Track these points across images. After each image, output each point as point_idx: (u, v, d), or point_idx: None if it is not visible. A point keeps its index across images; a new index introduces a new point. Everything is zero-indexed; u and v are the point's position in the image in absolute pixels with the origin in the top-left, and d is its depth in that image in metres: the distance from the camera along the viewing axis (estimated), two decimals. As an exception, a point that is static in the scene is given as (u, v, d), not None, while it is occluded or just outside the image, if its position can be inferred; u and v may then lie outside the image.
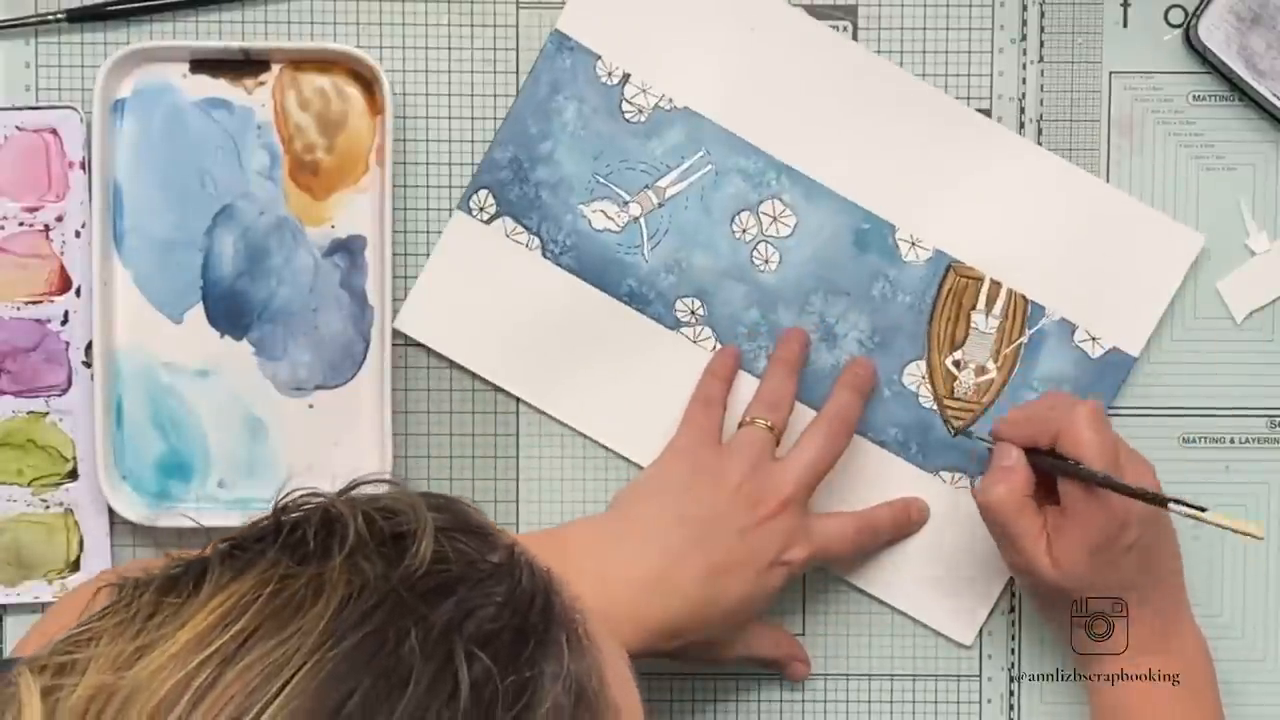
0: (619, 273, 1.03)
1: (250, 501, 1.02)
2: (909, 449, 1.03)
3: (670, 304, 1.03)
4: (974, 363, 1.03)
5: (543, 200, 1.02)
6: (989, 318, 1.03)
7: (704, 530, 0.95)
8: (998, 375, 1.03)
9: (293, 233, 1.01)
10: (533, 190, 1.02)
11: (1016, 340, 1.03)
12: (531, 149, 1.02)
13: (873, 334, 1.03)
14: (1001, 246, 1.02)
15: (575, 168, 1.02)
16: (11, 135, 1.01)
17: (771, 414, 0.99)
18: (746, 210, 1.03)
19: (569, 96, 1.02)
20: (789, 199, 1.02)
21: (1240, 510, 1.03)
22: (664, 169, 1.02)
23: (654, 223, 1.02)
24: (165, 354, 1.01)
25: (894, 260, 1.03)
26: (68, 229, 1.01)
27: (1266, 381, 1.03)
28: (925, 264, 1.03)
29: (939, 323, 1.03)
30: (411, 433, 1.03)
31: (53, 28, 1.02)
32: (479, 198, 1.02)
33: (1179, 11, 1.03)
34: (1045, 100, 1.03)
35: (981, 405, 1.03)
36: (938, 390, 1.03)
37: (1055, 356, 1.03)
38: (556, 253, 1.03)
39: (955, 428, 1.03)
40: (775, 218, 1.02)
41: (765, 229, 1.02)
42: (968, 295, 1.03)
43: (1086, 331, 1.03)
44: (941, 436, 1.03)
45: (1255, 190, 1.03)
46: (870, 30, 1.03)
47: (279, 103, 1.01)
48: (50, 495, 1.02)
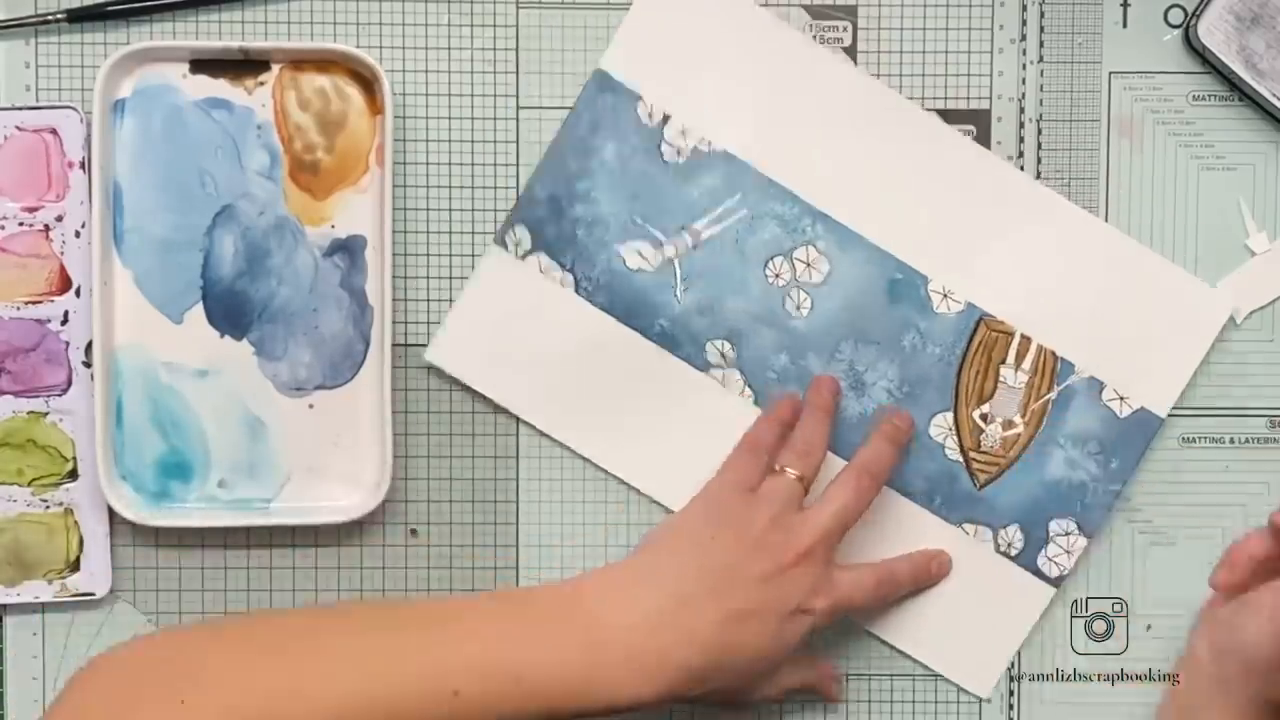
0: (651, 313, 1.03)
1: (250, 501, 1.02)
2: (933, 500, 1.03)
3: (701, 346, 1.03)
4: (1001, 417, 1.03)
5: (578, 238, 1.02)
6: (1018, 372, 1.03)
7: (723, 579, 0.95)
8: (1024, 430, 1.03)
9: (293, 233, 1.01)
10: (569, 228, 1.02)
11: (1045, 396, 1.03)
12: (570, 186, 1.02)
13: (901, 384, 1.03)
14: (1033, 302, 1.02)
15: (612, 207, 1.02)
16: (11, 135, 1.01)
17: (801, 462, 0.98)
18: (780, 256, 1.03)
19: (609, 136, 1.02)
20: (823, 246, 1.02)
21: (1240, 511, 1.04)
22: (700, 211, 1.02)
23: (688, 265, 1.02)
24: (165, 354, 1.01)
25: (925, 311, 1.03)
26: (68, 229, 1.01)
27: (1266, 381, 1.03)
28: (956, 316, 1.03)
29: (968, 375, 1.03)
30: (411, 433, 1.03)
31: (53, 28, 1.02)
32: (515, 233, 1.02)
33: (1179, 11, 1.03)
34: (1045, 100, 1.03)
35: (1008, 459, 1.03)
36: (964, 443, 1.03)
37: (1083, 414, 1.02)
38: (590, 290, 1.02)
39: (980, 481, 1.03)
40: (809, 264, 1.02)
41: (798, 275, 1.02)
42: (998, 349, 1.03)
43: (1115, 390, 1.02)
44: (966, 489, 1.03)
45: (1255, 190, 1.03)
46: (870, 30, 1.03)
47: (279, 103, 1.01)
48: (50, 495, 1.02)
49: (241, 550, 1.03)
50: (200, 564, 1.03)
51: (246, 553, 1.03)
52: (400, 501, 1.03)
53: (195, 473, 1.02)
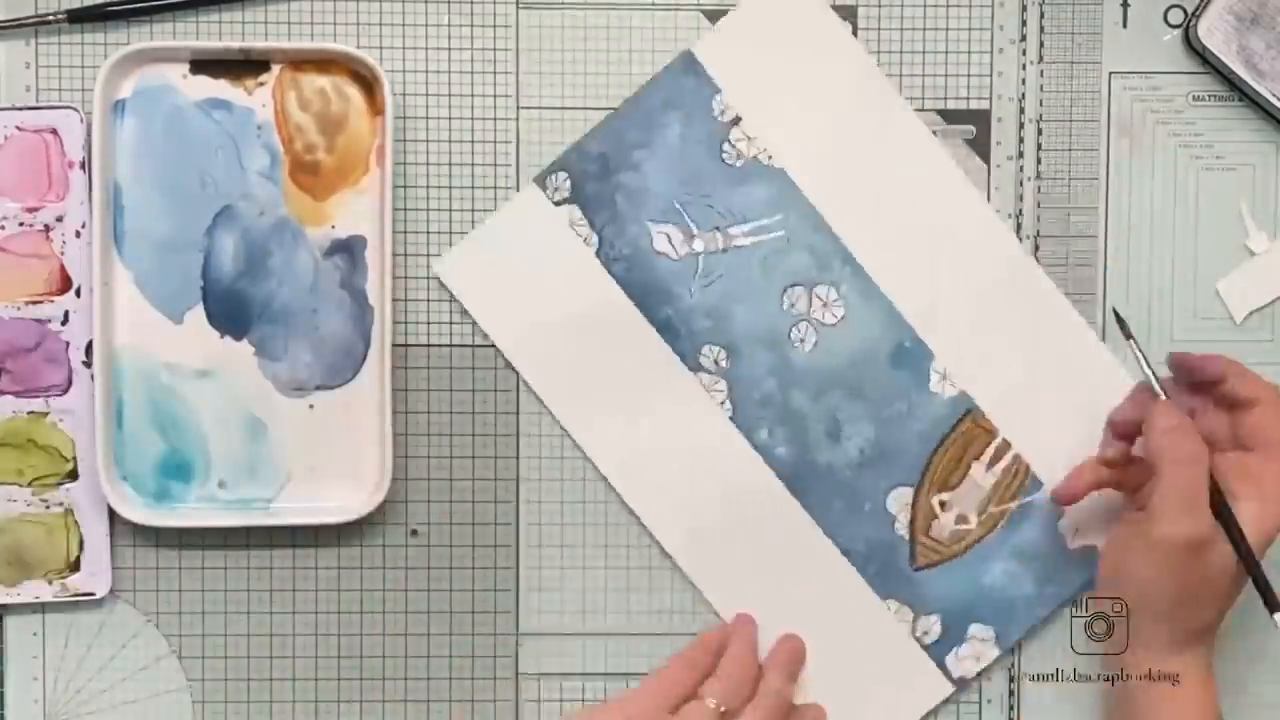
0: (662, 299, 1.03)
1: (250, 502, 1.02)
2: (868, 568, 1.03)
3: (698, 346, 1.03)
4: (958, 510, 1.03)
5: (616, 203, 1.02)
6: (988, 473, 1.03)
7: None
8: (977, 529, 1.03)
9: (293, 233, 1.01)
10: (610, 190, 1.02)
11: (1006, 504, 1.03)
12: (625, 152, 1.02)
13: (874, 446, 1.03)
14: (1024, 413, 1.02)
15: (658, 185, 1.02)
16: (11, 135, 1.01)
17: (730, 697, 0.98)
18: (802, 286, 1.03)
19: (678, 117, 1.02)
20: (845, 290, 1.03)
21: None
22: (740, 219, 1.03)
23: (711, 264, 1.02)
24: (165, 354, 1.01)
25: (921, 386, 1.03)
26: (68, 229, 1.01)
27: (1266, 381, 1.04)
28: (948, 400, 1.03)
29: (939, 460, 1.03)
30: (411, 433, 1.03)
31: (53, 28, 1.02)
32: (557, 178, 1.02)
33: (1179, 11, 1.03)
34: (1045, 100, 1.03)
35: (951, 552, 1.03)
36: (916, 523, 1.03)
37: (1037, 533, 1.03)
38: (610, 257, 1.03)
39: (919, 563, 1.03)
40: (826, 304, 1.03)
41: (813, 310, 1.03)
42: (976, 444, 1.03)
43: (1072, 522, 1.03)
44: (902, 567, 1.03)
45: (1255, 190, 1.03)
46: (870, 30, 1.03)
47: (279, 103, 1.01)
48: (50, 495, 1.02)
49: (242, 550, 1.03)
50: (200, 564, 1.03)
51: (247, 553, 1.03)
52: (400, 501, 1.03)
53: (195, 473, 1.02)
